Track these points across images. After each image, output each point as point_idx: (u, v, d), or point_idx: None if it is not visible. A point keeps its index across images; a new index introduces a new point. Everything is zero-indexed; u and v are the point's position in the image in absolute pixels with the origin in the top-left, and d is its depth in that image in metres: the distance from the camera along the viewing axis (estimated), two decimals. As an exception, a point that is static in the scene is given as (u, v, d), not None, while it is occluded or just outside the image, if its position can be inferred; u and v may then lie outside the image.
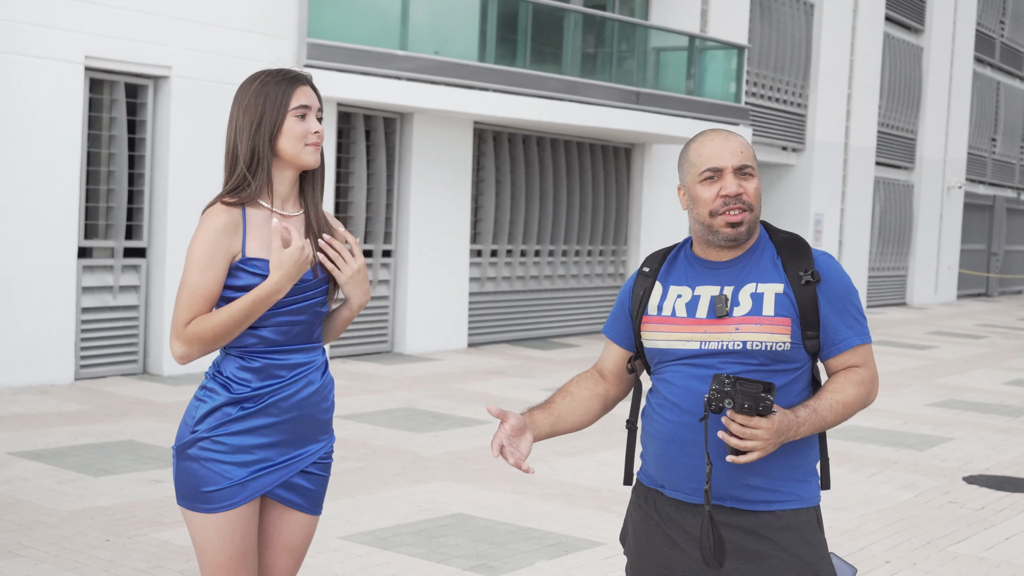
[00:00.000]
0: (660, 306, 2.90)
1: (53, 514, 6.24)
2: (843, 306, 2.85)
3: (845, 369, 2.87)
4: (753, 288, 2.83)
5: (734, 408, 2.64)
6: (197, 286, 2.96)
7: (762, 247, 2.90)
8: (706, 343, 2.81)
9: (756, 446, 2.65)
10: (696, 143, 2.89)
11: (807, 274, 2.81)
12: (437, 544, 6.03)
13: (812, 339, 2.83)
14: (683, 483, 2.84)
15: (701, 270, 2.90)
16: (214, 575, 3.01)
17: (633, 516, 3.00)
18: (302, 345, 3.08)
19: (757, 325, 2.79)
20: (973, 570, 6.08)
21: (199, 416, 3.02)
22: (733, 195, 2.81)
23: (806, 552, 2.81)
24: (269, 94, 3.00)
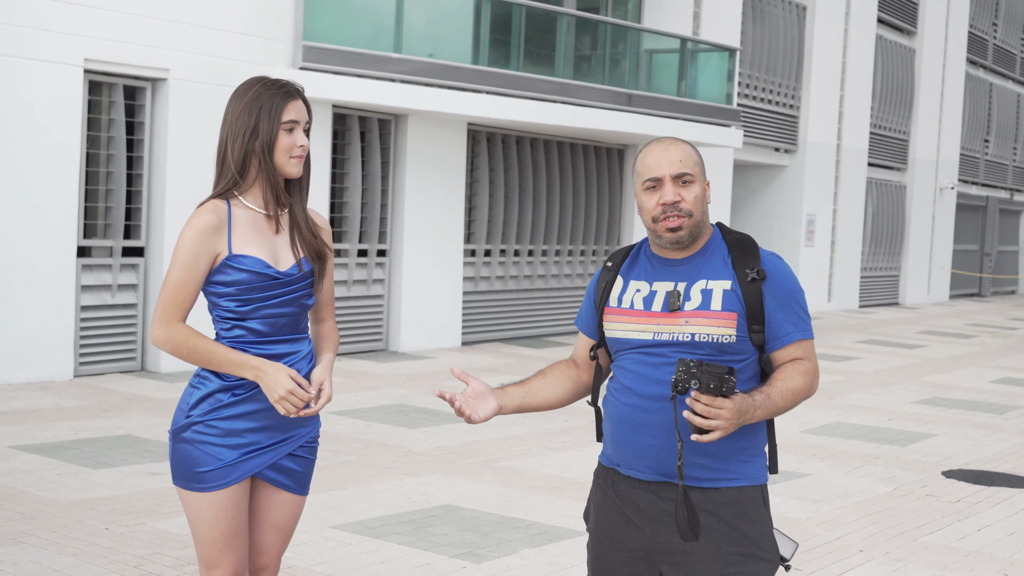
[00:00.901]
0: (620, 299, 3.14)
1: (54, 504, 6.44)
2: (787, 303, 3.06)
3: (791, 361, 3.08)
4: (704, 284, 3.05)
5: (700, 389, 2.83)
6: (179, 281, 3.19)
7: (714, 247, 3.12)
8: (658, 334, 3.04)
9: (719, 425, 2.84)
10: (642, 154, 3.13)
11: (753, 271, 3.03)
12: (425, 533, 6.23)
13: (757, 332, 3.04)
14: (636, 461, 3.05)
15: (658, 267, 3.13)
16: (208, 550, 3.23)
17: (594, 495, 3.21)
18: (289, 336, 3.29)
19: (705, 319, 3.01)
20: (943, 558, 6.28)
21: (193, 402, 3.24)
22: (671, 203, 3.03)
23: (748, 527, 3.02)
24: (264, 105, 3.21)
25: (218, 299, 3.25)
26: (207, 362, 3.19)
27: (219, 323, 3.28)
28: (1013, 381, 14.15)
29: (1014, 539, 6.77)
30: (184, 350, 3.18)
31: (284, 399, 3.15)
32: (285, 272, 3.26)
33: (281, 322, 3.27)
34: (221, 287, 3.23)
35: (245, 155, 3.23)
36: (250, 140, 3.21)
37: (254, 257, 3.21)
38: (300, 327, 3.33)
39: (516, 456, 8.42)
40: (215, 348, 3.18)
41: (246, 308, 3.23)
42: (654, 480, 3.03)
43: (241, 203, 3.28)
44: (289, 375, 3.18)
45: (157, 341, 3.21)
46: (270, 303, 3.24)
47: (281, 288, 3.25)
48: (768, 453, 3.13)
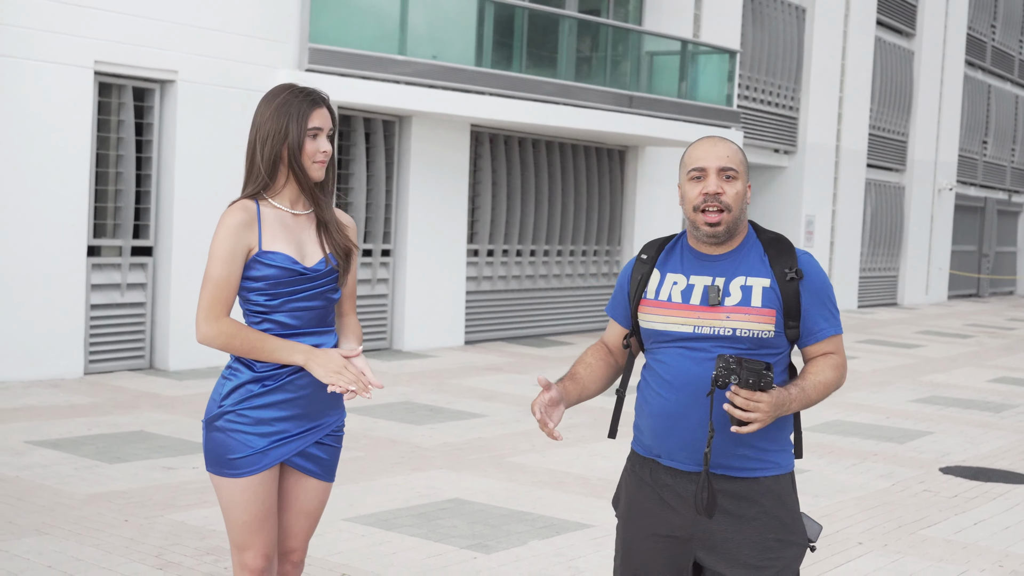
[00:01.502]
0: (657, 291, 3.26)
1: (73, 497, 6.60)
2: (821, 300, 3.23)
3: (822, 355, 3.26)
4: (743, 281, 3.19)
5: (739, 384, 3.00)
6: (220, 277, 3.35)
7: (750, 244, 3.26)
8: (699, 327, 3.17)
9: (757, 418, 3.01)
10: (691, 147, 3.27)
11: (792, 271, 3.18)
12: (435, 526, 6.39)
13: (792, 328, 3.20)
14: (678, 453, 3.20)
15: (695, 261, 3.25)
16: (239, 533, 3.40)
17: (628, 481, 3.36)
18: (316, 329, 3.45)
19: (746, 315, 3.15)
20: (940, 551, 6.44)
21: (225, 392, 3.40)
22: (713, 193, 3.16)
23: (784, 513, 3.21)
24: (291, 111, 3.37)
25: (248, 293, 3.41)
26: (258, 351, 3.33)
27: (249, 316, 3.44)
28: (1010, 380, 14.31)
29: (1009, 533, 6.92)
30: (236, 342, 3.33)
31: (339, 373, 3.30)
32: (312, 268, 3.42)
33: (308, 315, 3.42)
34: (251, 282, 3.38)
35: (274, 158, 3.39)
36: (279, 144, 3.37)
37: (282, 253, 3.37)
38: (327, 320, 3.48)
39: (521, 452, 8.58)
40: (265, 338, 3.34)
41: (275, 302, 3.39)
42: (695, 471, 3.18)
43: (270, 203, 3.44)
44: (340, 354, 3.35)
45: (206, 338, 3.35)
46: (298, 297, 3.40)
47: (308, 283, 3.41)
48: (794, 440, 3.30)
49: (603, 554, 6.01)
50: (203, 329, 3.34)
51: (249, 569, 3.40)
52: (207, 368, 11.59)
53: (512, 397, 11.11)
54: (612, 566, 4.88)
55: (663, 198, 18.46)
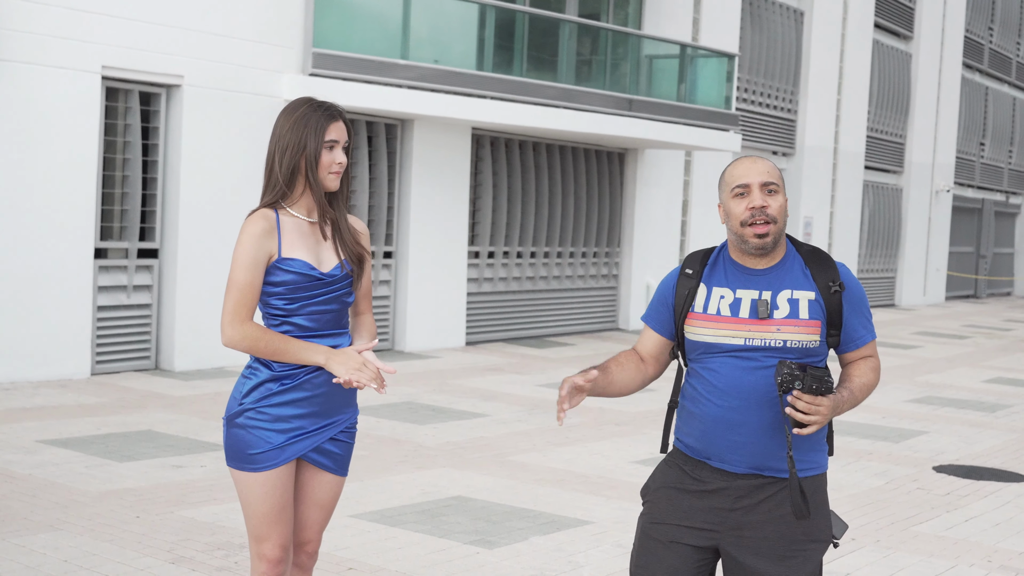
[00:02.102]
0: (706, 305, 3.43)
1: (85, 494, 6.76)
2: (860, 310, 3.46)
3: (862, 359, 3.47)
4: (789, 294, 3.38)
5: (803, 389, 3.20)
6: (244, 282, 3.53)
7: (791, 258, 3.45)
8: (750, 339, 3.35)
9: (817, 420, 3.22)
10: (731, 167, 3.45)
11: (835, 284, 3.40)
12: (439, 522, 6.55)
13: (834, 336, 3.42)
14: (729, 456, 3.38)
15: (740, 275, 3.43)
16: (258, 525, 3.58)
17: (666, 473, 3.50)
18: (331, 331, 3.63)
19: (795, 327, 3.35)
20: (931, 547, 6.61)
21: (245, 391, 3.58)
22: (759, 207, 3.34)
23: (814, 510, 3.40)
24: (310, 124, 3.55)
25: (268, 298, 3.58)
26: (281, 353, 3.51)
27: (268, 319, 3.61)
28: (1005, 381, 14.48)
29: (999, 529, 7.09)
30: (261, 345, 3.51)
31: (359, 371, 3.48)
32: (328, 273, 3.60)
33: (325, 318, 3.61)
34: (271, 287, 3.57)
35: (292, 169, 3.57)
36: (297, 155, 3.55)
37: (301, 260, 3.56)
38: (342, 322, 3.67)
39: (523, 451, 8.74)
40: (287, 340, 3.52)
41: (293, 306, 3.57)
42: (745, 473, 3.37)
43: (288, 212, 3.62)
44: (356, 350, 3.54)
45: (232, 341, 3.52)
46: (315, 301, 3.58)
47: (325, 288, 3.59)
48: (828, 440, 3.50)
49: (602, 549, 6.18)
50: (228, 333, 3.52)
51: (267, 559, 3.58)
52: (212, 369, 11.76)
53: (513, 397, 11.27)
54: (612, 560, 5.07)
55: (662, 200, 18.63)
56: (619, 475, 8.03)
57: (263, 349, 3.52)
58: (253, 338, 3.52)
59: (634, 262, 18.13)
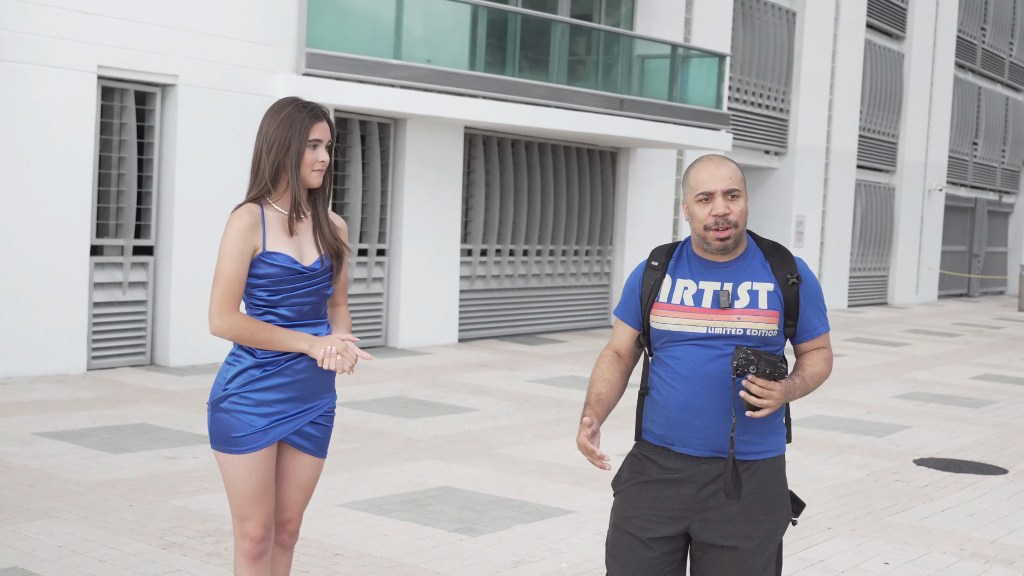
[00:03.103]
0: (670, 296, 3.61)
1: (80, 484, 6.93)
2: (815, 303, 3.65)
3: (815, 349, 3.67)
4: (749, 286, 3.56)
5: (756, 373, 3.39)
6: (230, 274, 3.70)
7: (752, 252, 3.63)
8: (712, 328, 3.52)
9: (769, 404, 3.41)
10: (694, 168, 3.61)
11: (793, 276, 3.59)
12: (425, 511, 6.72)
13: (791, 327, 3.61)
14: (692, 440, 3.54)
15: (703, 268, 3.61)
16: (241, 505, 3.76)
17: (634, 464, 3.67)
18: (311, 320, 3.81)
19: (755, 316, 3.53)
20: (905, 535, 6.78)
21: (229, 377, 3.76)
22: (721, 215, 3.53)
23: (774, 489, 3.59)
24: (295, 124, 3.72)
25: (252, 289, 3.76)
26: (266, 342, 3.69)
27: (251, 309, 3.79)
28: (992, 377, 14.64)
29: (974, 519, 7.26)
30: (247, 334, 3.69)
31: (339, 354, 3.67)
32: (309, 267, 3.78)
33: (305, 309, 3.79)
34: (255, 279, 3.74)
35: (277, 166, 3.74)
36: (282, 153, 3.72)
37: (283, 254, 3.74)
38: (321, 313, 3.85)
39: (510, 444, 8.90)
40: (271, 329, 3.70)
41: (276, 297, 3.75)
42: (707, 456, 3.53)
43: (272, 207, 3.79)
44: (338, 337, 3.73)
45: (220, 330, 3.70)
46: (296, 293, 3.76)
47: (306, 280, 3.77)
48: (786, 425, 3.69)
49: (583, 537, 6.34)
50: (216, 322, 3.69)
51: (249, 537, 3.76)
52: (207, 364, 11.91)
53: (504, 393, 11.43)
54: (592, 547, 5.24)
55: (653, 199, 18.79)
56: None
57: (249, 338, 3.69)
58: (239, 327, 3.69)
59: (626, 260, 18.29)
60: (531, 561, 5.88)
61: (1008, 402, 12.55)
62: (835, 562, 6.16)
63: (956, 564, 6.24)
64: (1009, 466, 9.01)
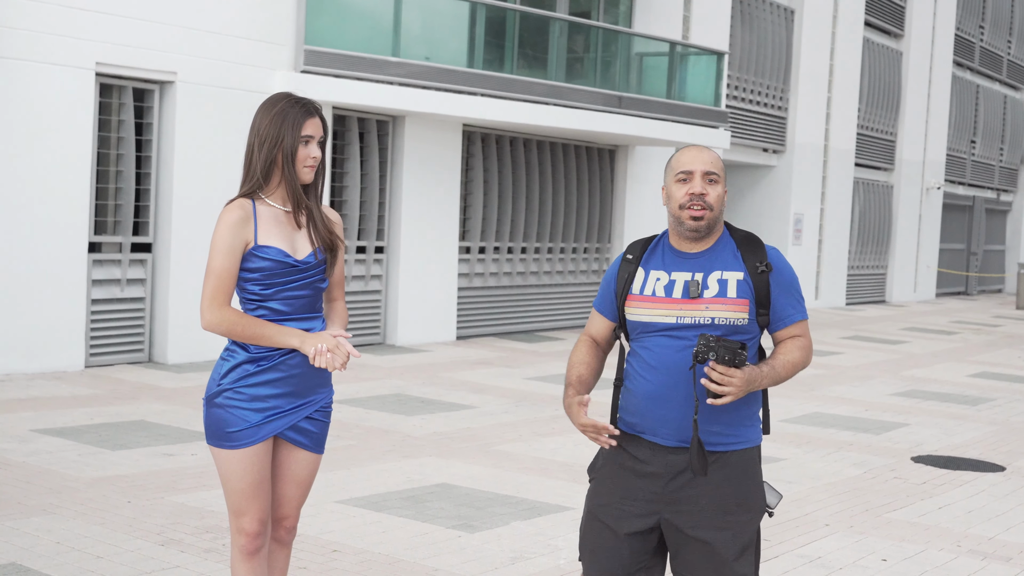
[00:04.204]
0: (642, 287, 3.65)
1: (78, 480, 6.93)
2: (788, 290, 3.65)
3: (791, 338, 3.66)
4: (719, 275, 3.59)
5: (716, 360, 3.40)
6: (221, 269, 3.70)
7: (724, 242, 3.67)
8: (681, 318, 3.56)
9: (730, 391, 3.42)
10: (678, 154, 3.68)
11: (762, 264, 3.60)
12: (423, 507, 6.72)
13: (763, 316, 3.62)
14: (660, 429, 3.58)
15: (675, 259, 3.65)
16: (237, 500, 3.76)
17: (608, 453, 3.71)
18: (305, 315, 3.81)
19: (723, 305, 3.55)
20: (902, 532, 6.78)
21: (224, 372, 3.76)
22: (698, 194, 3.58)
23: (747, 481, 3.61)
24: (287, 119, 3.72)
25: (245, 283, 3.76)
26: (257, 337, 3.69)
27: (245, 304, 3.78)
28: (989, 375, 14.64)
29: (971, 516, 7.26)
30: (238, 329, 3.69)
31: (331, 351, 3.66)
32: (302, 260, 3.77)
33: (299, 303, 3.78)
34: (248, 273, 3.74)
35: (269, 162, 3.74)
36: (275, 149, 3.72)
37: (276, 248, 3.73)
38: (315, 307, 3.84)
39: (508, 441, 8.90)
40: (263, 324, 3.70)
41: (269, 291, 3.74)
42: (675, 445, 3.56)
43: (264, 201, 3.79)
44: (331, 334, 3.72)
45: (211, 325, 3.70)
46: (289, 287, 3.76)
47: (299, 274, 3.77)
48: (762, 417, 3.69)
49: (581, 534, 6.34)
50: (207, 317, 3.69)
51: (245, 533, 3.75)
52: (204, 361, 11.91)
53: (502, 390, 11.44)
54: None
55: (651, 197, 18.79)
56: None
57: (240, 333, 3.69)
58: (231, 322, 3.69)
59: (624, 258, 18.26)
60: (529, 557, 5.89)
61: (1006, 400, 12.55)
62: (833, 559, 6.16)
63: (953, 561, 6.24)
64: (1006, 463, 9.02)
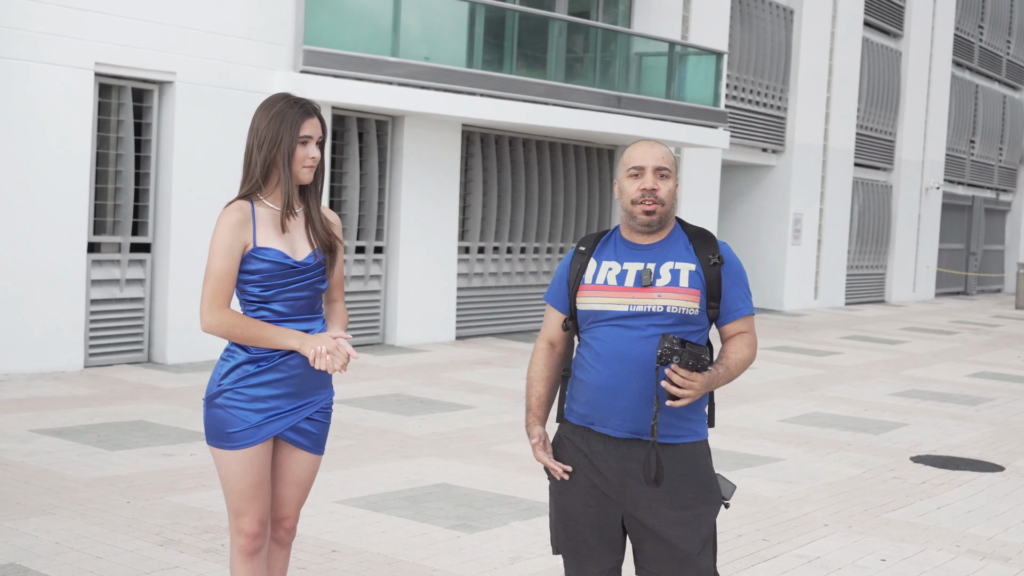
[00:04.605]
0: (595, 277, 3.67)
1: (77, 481, 6.93)
2: (738, 284, 3.69)
3: (738, 334, 3.68)
4: (672, 265, 3.62)
5: (680, 364, 3.41)
6: (221, 271, 3.70)
7: (677, 235, 3.71)
8: (633, 306, 3.58)
9: (690, 395, 3.45)
10: (630, 149, 3.71)
11: (715, 257, 3.64)
12: (422, 507, 6.72)
13: (714, 308, 3.65)
14: (611, 420, 3.59)
15: (628, 250, 3.68)
16: (236, 500, 3.76)
17: (560, 447, 3.73)
18: (305, 316, 3.80)
19: (675, 294, 3.58)
20: (901, 532, 6.78)
21: (224, 372, 3.76)
22: (649, 189, 3.61)
23: (701, 474, 3.63)
24: (285, 120, 3.72)
25: (244, 285, 3.75)
26: (256, 339, 3.69)
27: (245, 306, 3.78)
28: (989, 375, 14.64)
29: (970, 516, 7.27)
30: (237, 331, 3.69)
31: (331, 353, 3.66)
32: (301, 262, 3.77)
33: (299, 304, 3.78)
34: (247, 275, 3.74)
35: (268, 162, 3.74)
36: (273, 149, 3.72)
37: (275, 249, 3.73)
38: (315, 308, 3.84)
39: (507, 441, 8.90)
40: (262, 326, 3.70)
41: (269, 293, 3.74)
42: (626, 437, 3.57)
43: (263, 203, 3.79)
44: (331, 336, 3.72)
45: (210, 327, 3.70)
46: (289, 288, 3.76)
47: (298, 275, 3.76)
48: (708, 411, 3.72)
49: (581, 534, 6.34)
50: (207, 319, 3.69)
51: (245, 533, 3.75)
52: (203, 361, 11.91)
53: (501, 390, 11.43)
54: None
55: (652, 196, 18.75)
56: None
57: (239, 335, 3.69)
58: (230, 324, 3.69)
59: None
60: (528, 557, 5.89)
61: (1005, 400, 12.56)
62: (832, 559, 6.16)
63: (952, 561, 6.25)
64: (1005, 463, 9.02)
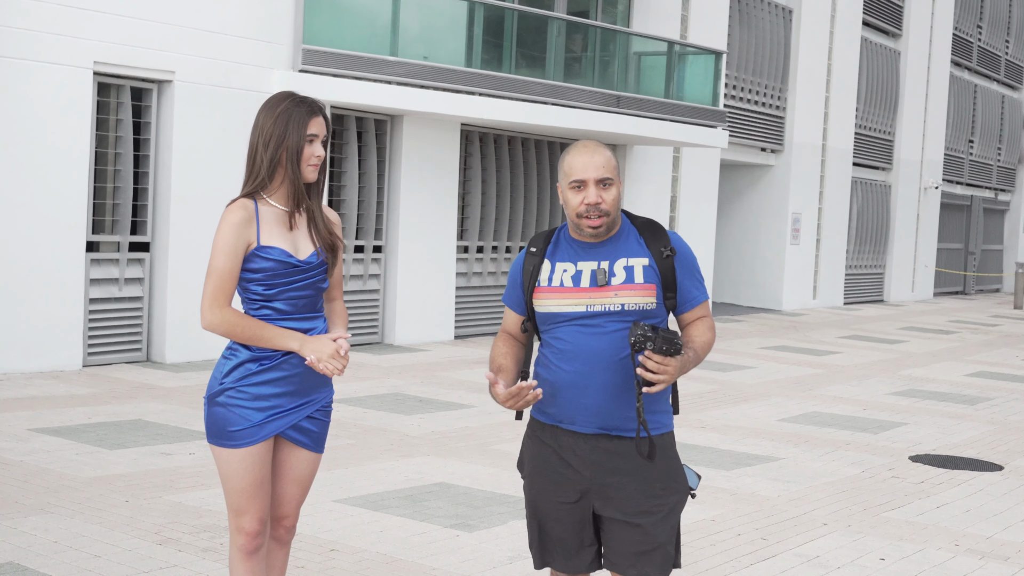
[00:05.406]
0: (550, 279, 3.68)
1: (76, 480, 6.92)
2: (691, 273, 3.72)
3: (698, 319, 3.74)
4: (625, 262, 3.64)
5: (654, 349, 3.43)
6: (223, 269, 3.70)
7: (627, 231, 3.71)
8: (591, 306, 3.61)
9: (664, 380, 3.46)
10: (569, 155, 3.66)
11: (667, 249, 3.66)
12: (421, 507, 6.72)
13: (671, 299, 3.68)
14: (579, 417, 3.62)
15: (580, 250, 3.68)
16: (237, 499, 3.76)
17: (529, 446, 3.77)
18: (307, 314, 3.80)
19: (631, 290, 3.60)
20: (900, 531, 6.78)
21: (226, 371, 3.76)
22: (593, 204, 3.59)
23: (667, 465, 3.67)
24: (291, 118, 3.72)
25: (247, 283, 3.75)
26: (257, 339, 3.69)
27: (248, 304, 3.78)
28: (987, 375, 14.65)
29: (969, 515, 7.27)
30: (238, 330, 3.69)
31: (332, 357, 3.67)
32: (304, 261, 3.77)
33: (301, 303, 3.78)
34: (250, 273, 3.74)
35: (274, 161, 3.73)
36: (279, 148, 3.72)
37: (279, 248, 3.73)
38: (317, 307, 3.84)
39: (506, 440, 8.90)
40: (263, 326, 3.70)
41: (271, 291, 3.74)
42: (594, 433, 3.61)
43: (266, 201, 3.79)
44: (331, 339, 3.72)
45: (211, 325, 3.70)
46: (292, 287, 3.76)
47: (301, 274, 3.76)
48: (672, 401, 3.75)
49: (580, 533, 6.33)
50: (208, 317, 3.69)
51: (245, 532, 3.75)
52: (203, 360, 11.91)
53: (499, 389, 11.41)
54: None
55: (650, 196, 18.80)
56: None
57: (240, 334, 3.69)
58: (230, 323, 3.69)
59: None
60: (527, 557, 5.88)
61: (1003, 399, 12.56)
62: (831, 558, 6.17)
63: (951, 560, 6.25)
64: (1004, 462, 9.03)
